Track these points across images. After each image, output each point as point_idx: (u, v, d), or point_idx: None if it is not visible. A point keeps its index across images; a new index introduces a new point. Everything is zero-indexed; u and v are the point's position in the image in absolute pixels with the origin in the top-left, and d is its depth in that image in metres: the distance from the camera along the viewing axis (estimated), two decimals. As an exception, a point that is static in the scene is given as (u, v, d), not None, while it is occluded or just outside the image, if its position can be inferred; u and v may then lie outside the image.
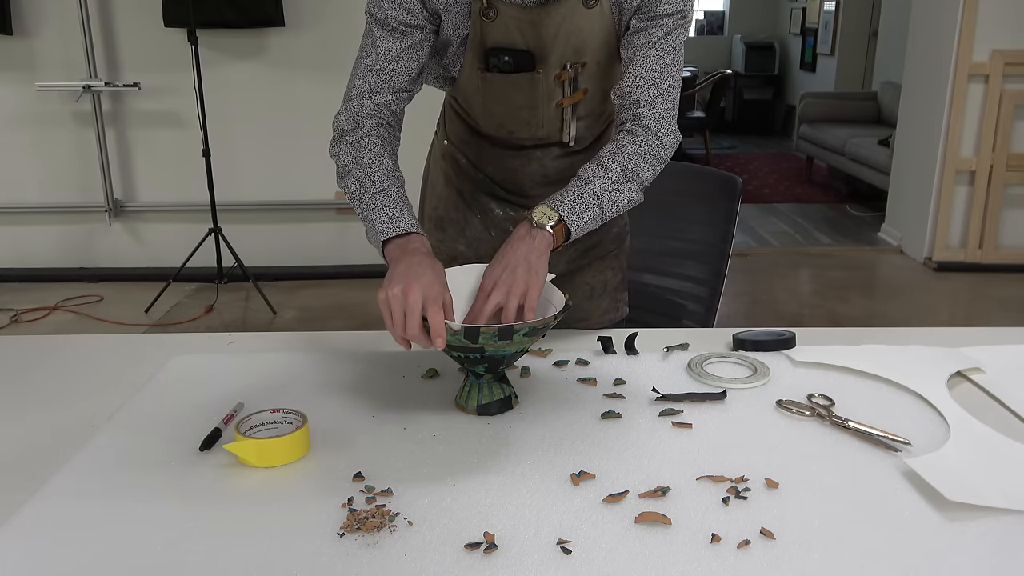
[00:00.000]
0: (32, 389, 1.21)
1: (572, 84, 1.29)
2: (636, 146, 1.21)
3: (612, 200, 1.19)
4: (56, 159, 4.34)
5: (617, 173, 1.20)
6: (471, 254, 1.48)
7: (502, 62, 1.26)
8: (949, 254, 4.57)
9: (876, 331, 1.41)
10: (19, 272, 4.39)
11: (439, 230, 1.51)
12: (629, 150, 1.21)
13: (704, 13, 9.78)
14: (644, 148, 1.22)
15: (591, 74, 1.29)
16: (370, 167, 1.17)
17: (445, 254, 1.49)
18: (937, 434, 1.04)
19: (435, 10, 1.24)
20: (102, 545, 0.83)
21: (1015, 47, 4.31)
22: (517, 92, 1.30)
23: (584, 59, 1.27)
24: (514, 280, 1.08)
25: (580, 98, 1.31)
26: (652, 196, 1.30)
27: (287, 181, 4.36)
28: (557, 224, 1.14)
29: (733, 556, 0.81)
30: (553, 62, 1.26)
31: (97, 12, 4.15)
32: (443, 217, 1.50)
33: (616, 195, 1.20)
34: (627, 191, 1.21)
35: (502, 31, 1.24)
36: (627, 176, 1.20)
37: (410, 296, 0.99)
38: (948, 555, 0.81)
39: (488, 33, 1.24)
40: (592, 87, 1.31)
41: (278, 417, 1.03)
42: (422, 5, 1.23)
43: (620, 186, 1.20)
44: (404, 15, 1.22)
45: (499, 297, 1.07)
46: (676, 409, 1.11)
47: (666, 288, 1.78)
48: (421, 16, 1.23)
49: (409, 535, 0.84)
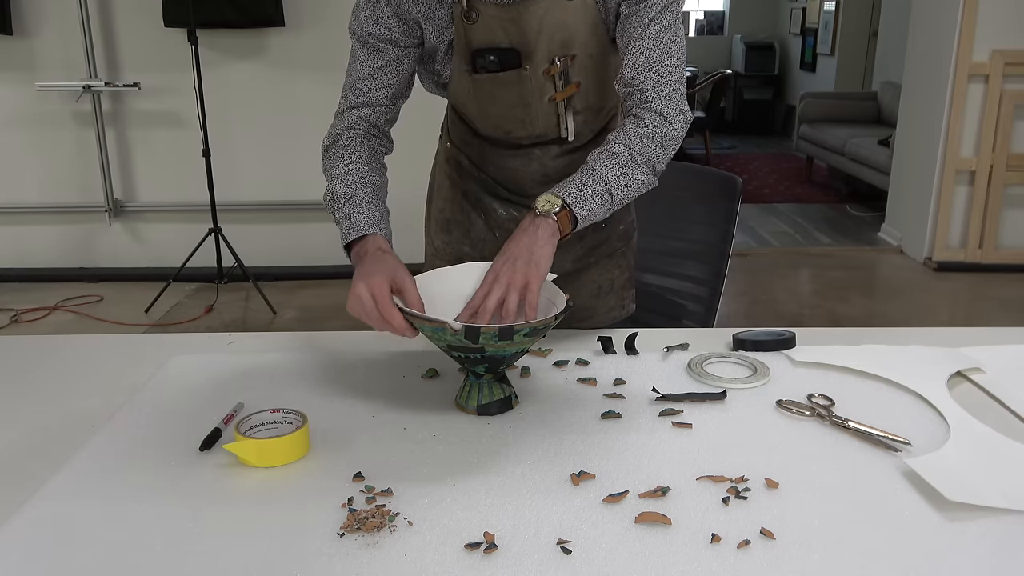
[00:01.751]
0: (32, 389, 1.21)
1: (563, 78, 1.29)
2: (643, 129, 1.20)
3: (621, 185, 1.18)
4: (56, 159, 4.34)
5: (625, 157, 1.18)
6: (476, 255, 1.48)
7: (488, 62, 1.26)
8: (949, 254, 4.57)
9: (876, 331, 1.41)
10: (19, 272, 4.39)
11: (445, 232, 1.52)
12: (636, 133, 1.20)
13: (704, 13, 9.78)
14: (652, 130, 1.20)
15: (583, 67, 1.29)
16: (341, 178, 1.21)
17: (451, 256, 1.50)
18: (937, 434, 1.04)
19: (415, 21, 1.25)
20: (102, 545, 0.83)
21: (1015, 47, 4.31)
22: (507, 91, 1.30)
23: (573, 52, 1.26)
24: (514, 273, 1.08)
25: (573, 92, 1.30)
26: (652, 196, 1.30)
27: (287, 181, 4.36)
28: (561, 211, 1.13)
29: (733, 556, 0.81)
30: (540, 58, 1.26)
31: (97, 12, 4.15)
32: (449, 219, 1.51)
33: (625, 179, 1.18)
34: (637, 175, 1.19)
35: (485, 31, 1.24)
36: (635, 160, 1.19)
37: (362, 293, 1.06)
38: (948, 555, 0.81)
39: (472, 35, 1.25)
40: (586, 80, 1.31)
41: (278, 417, 1.03)
42: (399, 20, 1.24)
43: (629, 170, 1.18)
44: (382, 31, 1.24)
45: (499, 292, 1.08)
46: (676, 409, 1.11)
47: (666, 288, 1.78)
48: (398, 30, 1.24)
49: (409, 535, 0.84)
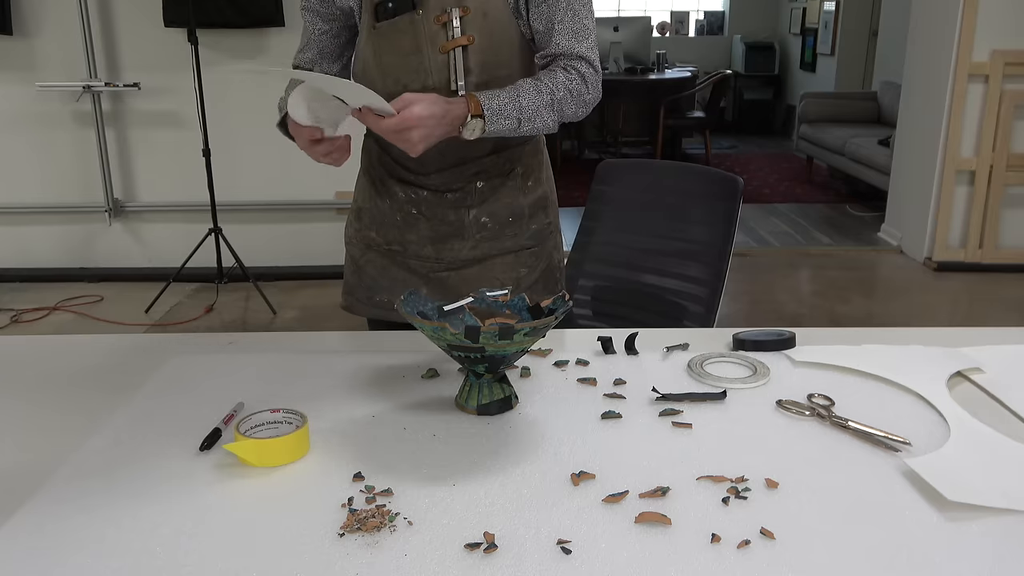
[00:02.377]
0: (32, 389, 1.21)
1: (454, 27, 1.35)
2: (571, 84, 1.35)
3: (531, 120, 1.32)
4: (56, 159, 4.34)
5: (547, 99, 1.33)
6: (381, 240, 1.54)
7: (387, 9, 1.36)
8: (949, 254, 4.57)
9: (876, 331, 1.41)
10: (19, 272, 4.39)
11: (357, 220, 1.59)
12: (563, 83, 1.35)
13: (704, 13, 9.78)
14: (576, 87, 1.36)
15: (477, 25, 1.35)
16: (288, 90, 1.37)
17: (361, 241, 1.57)
18: (937, 434, 1.04)
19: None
20: (102, 545, 0.83)
21: (1015, 47, 4.31)
22: (402, 36, 1.36)
23: (466, 4, 1.34)
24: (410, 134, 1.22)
25: (465, 43, 1.35)
26: (653, 197, 1.30)
27: (287, 181, 4.36)
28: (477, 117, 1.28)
29: (733, 556, 0.81)
30: (433, 4, 1.34)
31: (97, 12, 4.15)
32: (360, 208, 1.58)
33: (536, 118, 1.33)
34: (546, 118, 1.34)
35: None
36: (553, 106, 1.34)
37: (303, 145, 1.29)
38: (948, 555, 0.81)
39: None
40: (480, 39, 1.35)
41: (278, 417, 1.03)
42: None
43: (543, 112, 1.33)
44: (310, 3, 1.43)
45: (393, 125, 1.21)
46: (676, 409, 1.11)
47: (666, 288, 1.78)
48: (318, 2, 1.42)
49: (409, 535, 0.84)
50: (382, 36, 1.38)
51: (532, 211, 1.51)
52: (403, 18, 1.35)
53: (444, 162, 1.44)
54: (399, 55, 1.38)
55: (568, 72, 1.36)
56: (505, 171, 1.48)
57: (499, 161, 1.47)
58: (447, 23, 1.34)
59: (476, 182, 1.47)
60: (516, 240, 1.51)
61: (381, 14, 1.37)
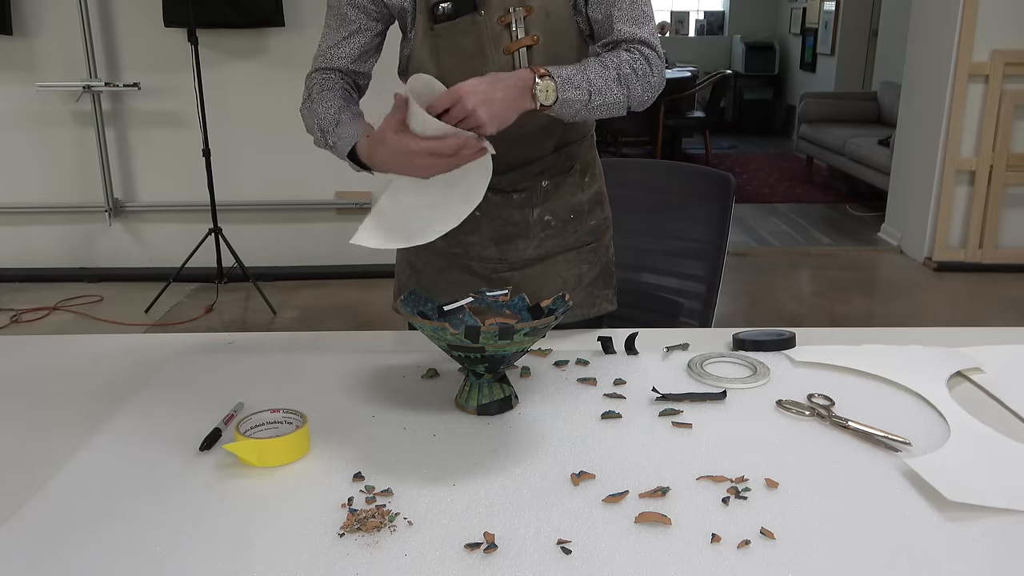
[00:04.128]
0: (32, 389, 1.21)
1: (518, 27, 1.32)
2: (635, 64, 1.29)
3: (601, 94, 1.26)
4: (56, 159, 4.34)
5: (613, 74, 1.27)
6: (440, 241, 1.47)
7: (445, 11, 1.32)
8: (949, 254, 4.57)
9: (876, 331, 1.41)
10: (19, 272, 4.39)
11: None
12: (628, 62, 1.29)
13: (704, 13, 9.78)
14: (641, 68, 1.30)
15: (540, 24, 1.32)
16: (322, 115, 1.33)
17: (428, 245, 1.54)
18: (937, 434, 1.04)
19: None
20: (102, 545, 0.83)
21: (1015, 47, 4.31)
22: (464, 38, 1.33)
23: (529, 3, 1.30)
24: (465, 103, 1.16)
25: (529, 43, 1.32)
26: (648, 196, 1.31)
27: (287, 181, 4.36)
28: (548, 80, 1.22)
29: (733, 556, 0.81)
30: (495, 3, 1.30)
31: (97, 12, 4.15)
32: None
33: (606, 93, 1.26)
34: (616, 94, 1.27)
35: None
36: (620, 81, 1.28)
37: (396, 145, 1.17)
38: (948, 555, 0.81)
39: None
40: (544, 39, 1.32)
41: (278, 417, 1.03)
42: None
43: (612, 86, 1.27)
44: None
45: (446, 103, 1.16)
46: (676, 409, 1.11)
47: (664, 287, 1.78)
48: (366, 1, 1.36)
49: (409, 535, 0.84)
50: (440, 38, 1.33)
51: (590, 207, 1.50)
52: (464, 19, 1.31)
53: (511, 162, 1.42)
54: (460, 57, 1.33)
55: (632, 52, 1.30)
56: (566, 168, 1.47)
57: (561, 159, 1.46)
58: (510, 23, 1.30)
59: (541, 181, 1.45)
60: (577, 236, 1.50)
61: (440, 15, 1.32)
